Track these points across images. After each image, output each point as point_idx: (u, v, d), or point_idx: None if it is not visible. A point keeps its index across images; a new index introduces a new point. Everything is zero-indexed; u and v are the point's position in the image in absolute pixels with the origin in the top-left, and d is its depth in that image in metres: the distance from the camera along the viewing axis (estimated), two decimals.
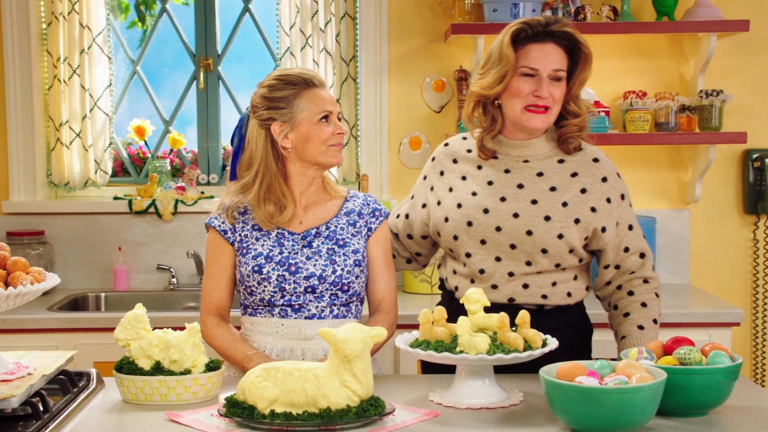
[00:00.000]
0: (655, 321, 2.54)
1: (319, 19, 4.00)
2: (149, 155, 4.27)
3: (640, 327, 2.52)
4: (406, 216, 2.72)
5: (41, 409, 2.06)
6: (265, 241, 2.53)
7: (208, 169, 4.26)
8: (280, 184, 2.54)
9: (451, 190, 2.59)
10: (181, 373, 2.21)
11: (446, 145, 2.69)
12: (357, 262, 2.53)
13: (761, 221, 4.10)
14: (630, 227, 2.56)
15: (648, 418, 1.96)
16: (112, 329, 2.33)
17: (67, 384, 2.26)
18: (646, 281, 2.57)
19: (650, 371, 1.99)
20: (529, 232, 2.47)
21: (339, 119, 2.55)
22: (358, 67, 4.07)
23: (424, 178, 2.70)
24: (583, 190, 2.51)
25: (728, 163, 4.09)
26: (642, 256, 2.57)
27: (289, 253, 2.51)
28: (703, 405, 2.08)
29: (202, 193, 4.16)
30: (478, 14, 3.85)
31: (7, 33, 4.02)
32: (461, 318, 2.19)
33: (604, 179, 2.53)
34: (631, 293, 2.56)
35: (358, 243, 2.56)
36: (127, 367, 2.23)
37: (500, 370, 2.29)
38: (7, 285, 2.12)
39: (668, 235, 4.07)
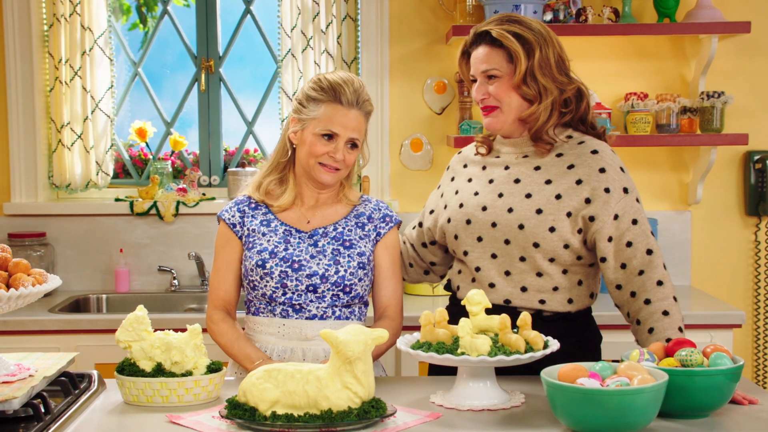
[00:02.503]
0: (680, 329, 2.38)
1: (321, 20, 4.00)
2: (150, 157, 4.27)
3: (668, 340, 2.32)
4: (420, 225, 2.74)
5: (42, 410, 2.06)
6: (271, 237, 2.54)
7: (209, 170, 4.26)
8: (289, 169, 2.59)
9: (457, 192, 2.60)
10: (183, 375, 2.21)
11: (459, 153, 2.73)
12: (361, 265, 2.53)
13: (762, 223, 4.09)
14: (634, 222, 2.43)
15: (649, 419, 1.96)
16: (113, 331, 2.33)
17: (69, 386, 2.26)
18: (660, 283, 2.40)
19: (652, 373, 1.99)
20: (521, 226, 2.44)
21: (356, 146, 2.52)
22: (359, 69, 4.07)
23: (438, 187, 2.73)
24: (579, 182, 2.45)
25: (729, 164, 4.08)
26: (649, 252, 2.42)
27: (294, 249, 2.51)
28: (704, 407, 2.07)
29: (204, 194, 4.16)
30: (480, 16, 3.85)
31: (9, 35, 4.02)
32: (462, 320, 2.19)
33: (602, 170, 2.45)
34: (648, 301, 2.40)
35: (365, 246, 2.56)
36: (128, 368, 2.23)
37: (502, 371, 2.29)
38: (8, 287, 2.12)
39: (669, 236, 4.07)
